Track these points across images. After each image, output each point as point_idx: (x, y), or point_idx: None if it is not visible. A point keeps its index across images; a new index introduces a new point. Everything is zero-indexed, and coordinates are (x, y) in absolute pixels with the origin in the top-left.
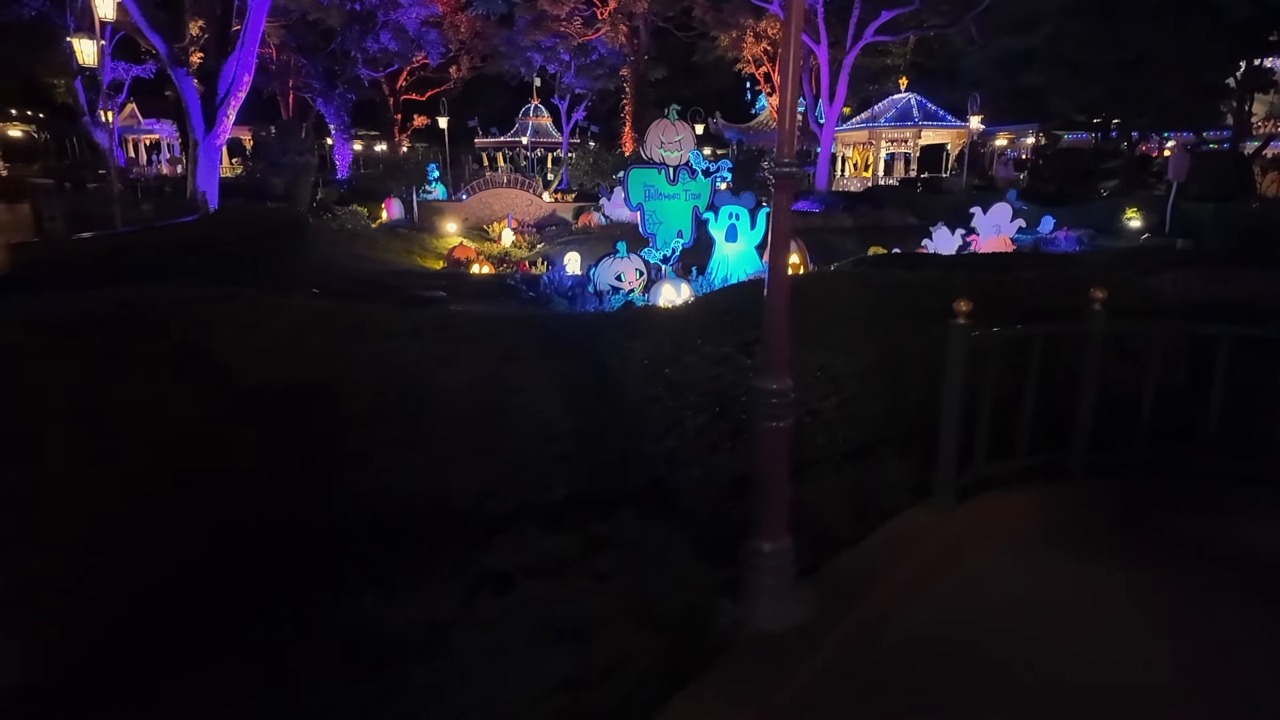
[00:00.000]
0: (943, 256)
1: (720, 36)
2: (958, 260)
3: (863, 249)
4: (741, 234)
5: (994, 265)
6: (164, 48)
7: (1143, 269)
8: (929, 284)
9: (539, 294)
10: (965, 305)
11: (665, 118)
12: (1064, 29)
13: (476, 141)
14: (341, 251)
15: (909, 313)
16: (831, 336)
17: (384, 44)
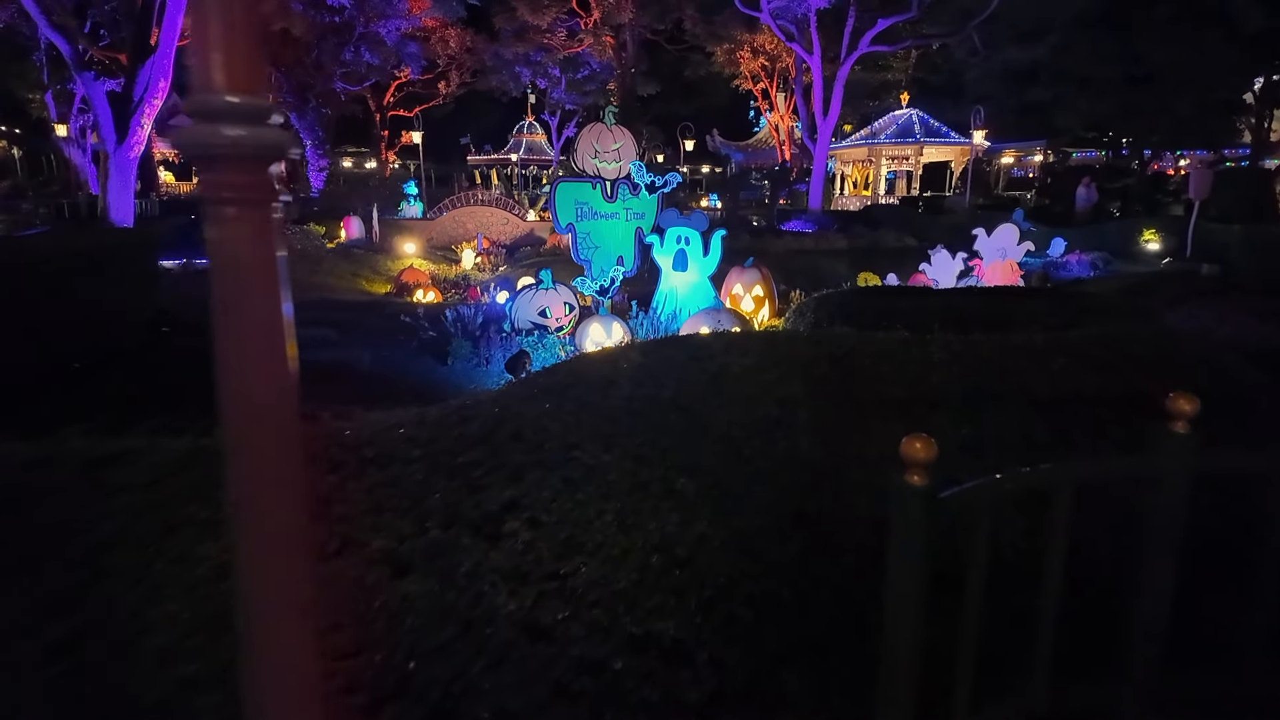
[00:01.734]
0: (933, 292)
1: (714, 50)
2: (949, 301)
3: (855, 272)
4: (692, 260)
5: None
6: (67, 49)
7: (1167, 298)
8: (893, 353)
9: (440, 333)
10: (923, 448)
11: (601, 121)
12: (1071, 41)
13: (469, 159)
14: None
15: (856, 406)
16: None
17: (361, 56)
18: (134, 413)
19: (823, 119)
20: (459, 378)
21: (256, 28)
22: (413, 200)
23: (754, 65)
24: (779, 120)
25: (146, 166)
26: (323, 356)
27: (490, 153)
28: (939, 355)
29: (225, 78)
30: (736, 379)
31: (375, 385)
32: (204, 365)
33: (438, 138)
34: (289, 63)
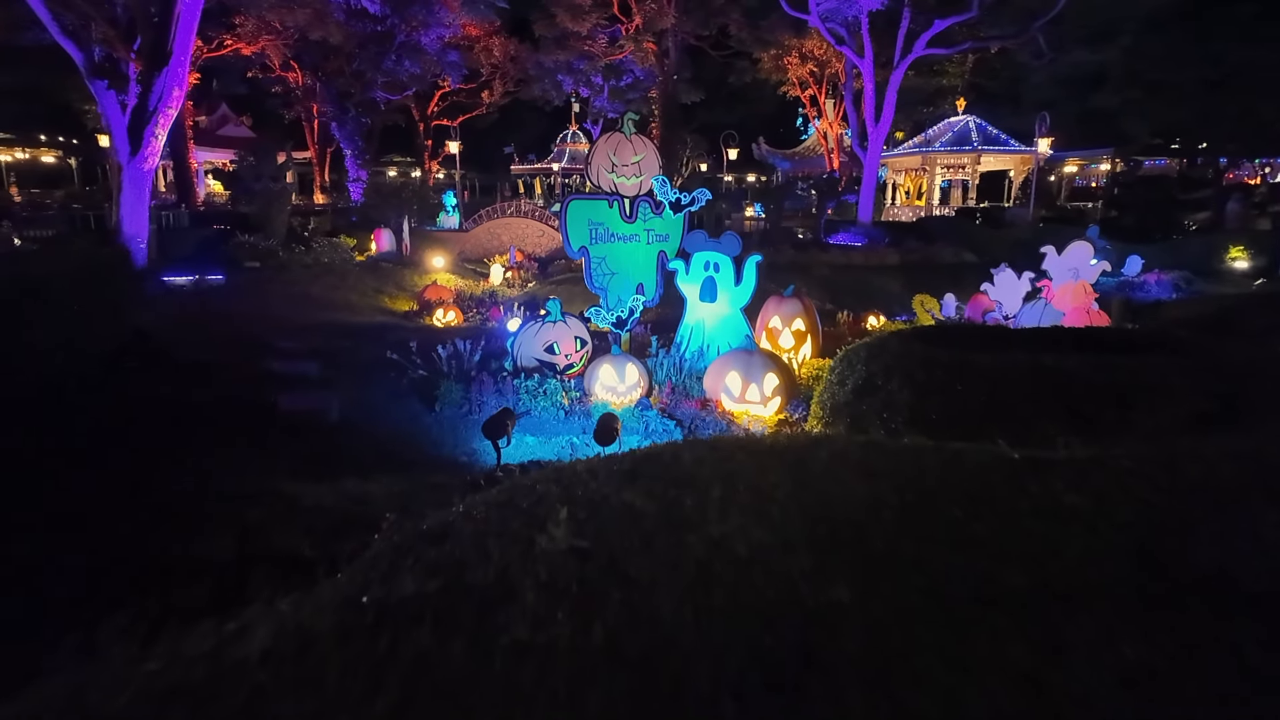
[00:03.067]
0: (1014, 338)
1: (760, 56)
2: (1037, 356)
3: (908, 290)
4: (722, 290)
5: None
6: (79, 56)
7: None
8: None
9: (433, 370)
10: None
11: (619, 131)
12: (1143, 43)
13: (512, 168)
14: (289, 292)
15: (944, 610)
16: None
17: (402, 65)
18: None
19: (874, 126)
20: (444, 429)
21: None
22: (450, 210)
23: (802, 71)
24: (827, 127)
25: (184, 177)
26: (291, 404)
27: (534, 162)
28: (1070, 498)
29: None
30: (740, 568)
31: (330, 449)
32: (141, 419)
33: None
34: (329, 72)
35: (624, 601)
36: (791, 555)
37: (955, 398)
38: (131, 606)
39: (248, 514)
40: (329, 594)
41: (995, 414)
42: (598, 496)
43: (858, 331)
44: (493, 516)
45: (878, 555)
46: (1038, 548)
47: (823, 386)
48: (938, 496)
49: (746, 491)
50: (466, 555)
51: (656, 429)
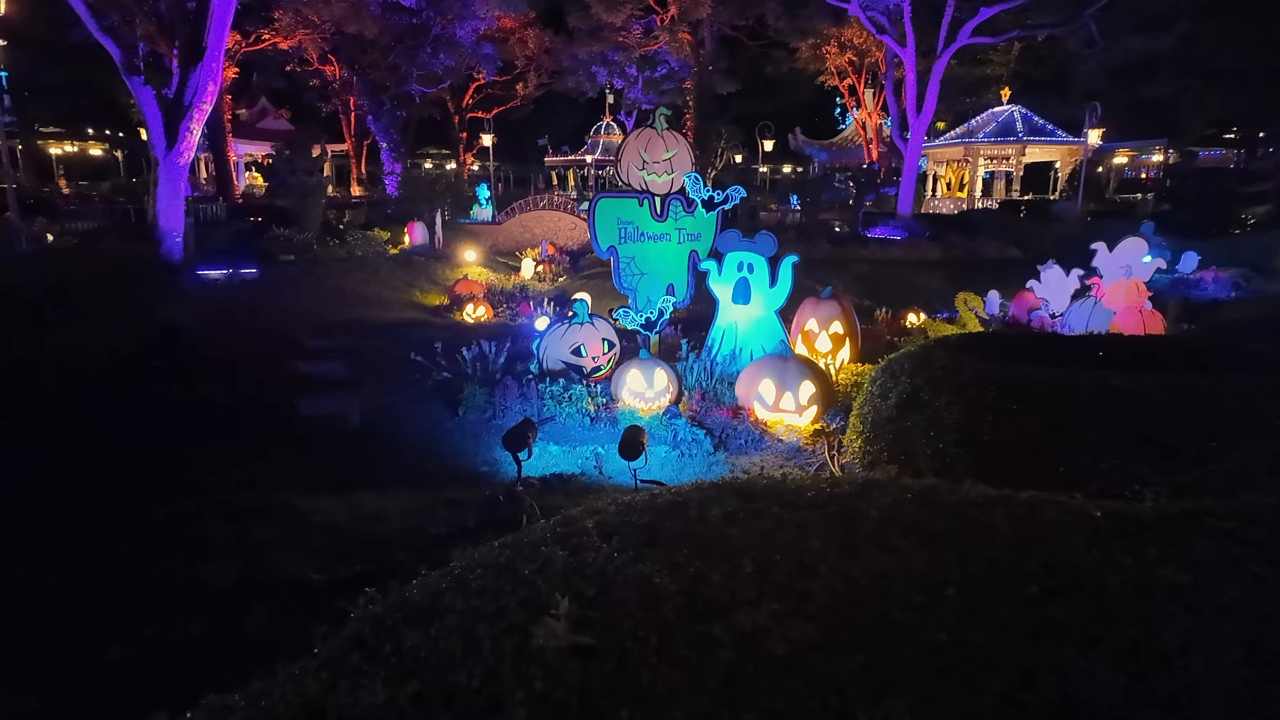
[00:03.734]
0: (1071, 347)
1: (798, 46)
2: (1102, 371)
3: (949, 287)
4: (756, 291)
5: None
6: (118, 53)
7: None
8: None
9: (456, 373)
10: None
11: (651, 126)
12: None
13: (546, 160)
14: (321, 287)
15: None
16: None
17: (437, 58)
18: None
19: (915, 116)
20: (465, 435)
21: None
22: (484, 203)
23: (840, 60)
24: (866, 118)
25: (223, 170)
26: (312, 409)
27: (568, 154)
28: (1166, 571)
29: None
30: (777, 674)
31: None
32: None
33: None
34: (365, 65)
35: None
36: (838, 654)
37: (1011, 419)
38: (124, 639)
39: (257, 532)
40: (290, 694)
41: (1057, 440)
42: (610, 568)
43: (896, 330)
44: (488, 587)
45: (941, 650)
46: (1132, 636)
47: (863, 398)
48: (1009, 569)
49: (784, 562)
50: (451, 646)
51: (685, 438)
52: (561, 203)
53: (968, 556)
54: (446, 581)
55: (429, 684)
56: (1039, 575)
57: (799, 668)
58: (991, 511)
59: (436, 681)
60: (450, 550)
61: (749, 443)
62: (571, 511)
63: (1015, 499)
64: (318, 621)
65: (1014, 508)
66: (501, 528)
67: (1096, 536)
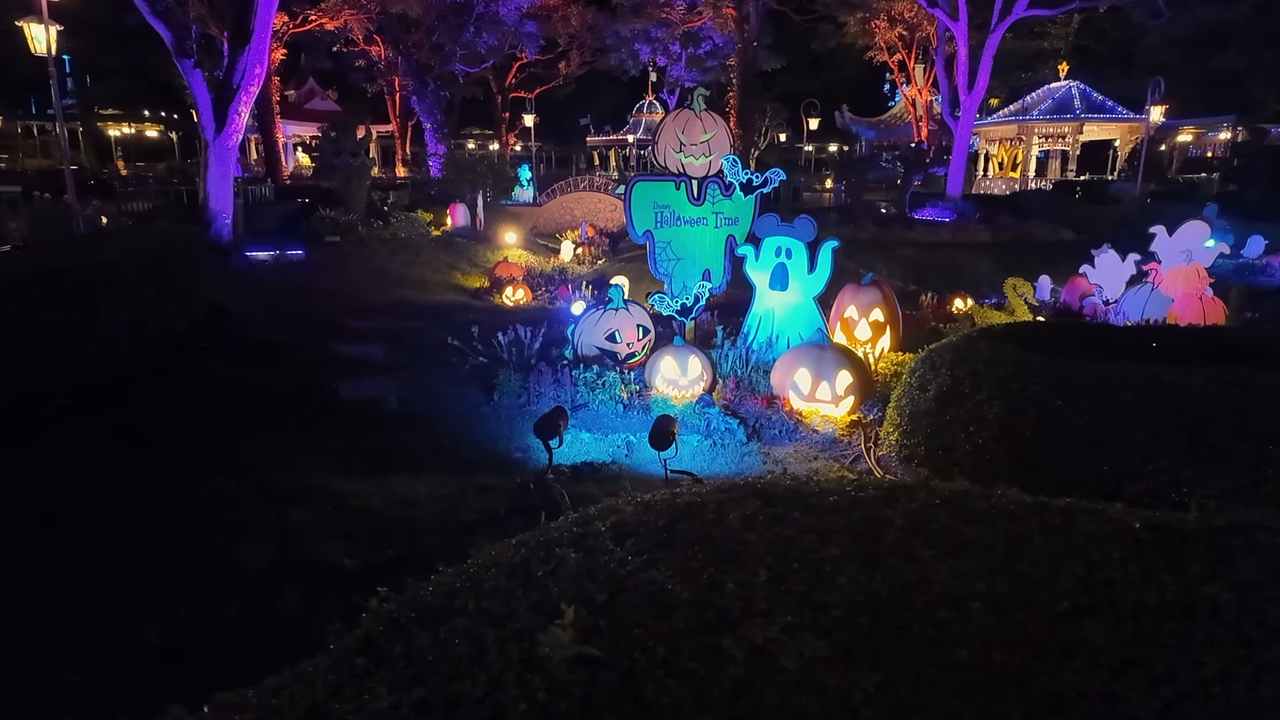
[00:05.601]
0: (1120, 337)
1: (846, 20)
2: (1158, 366)
3: (1000, 271)
4: (794, 278)
5: None
6: (169, 36)
7: None
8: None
9: (493, 357)
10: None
11: (688, 107)
12: None
13: (588, 140)
14: (365, 268)
15: None
16: None
17: (480, 37)
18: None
19: (967, 93)
20: (500, 420)
21: None
22: (525, 184)
23: (890, 35)
24: (916, 94)
25: (271, 152)
26: (351, 392)
27: (610, 133)
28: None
29: None
30: (787, 690)
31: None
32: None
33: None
34: (409, 45)
35: None
36: (852, 671)
37: (1055, 415)
38: (161, 619)
39: (293, 515)
40: (298, 695)
41: (1103, 437)
42: (622, 573)
43: (942, 315)
44: (501, 588)
45: (962, 669)
46: (1169, 659)
47: (901, 389)
48: (1040, 584)
49: (802, 572)
50: (459, 651)
51: (718, 427)
52: (602, 184)
53: (996, 569)
54: (461, 581)
55: (433, 691)
56: (1072, 591)
57: (810, 685)
58: (1024, 520)
59: (441, 688)
60: (479, 537)
61: (783, 433)
62: (589, 510)
63: (1050, 507)
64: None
65: (1048, 517)
66: (531, 515)
67: (1136, 550)
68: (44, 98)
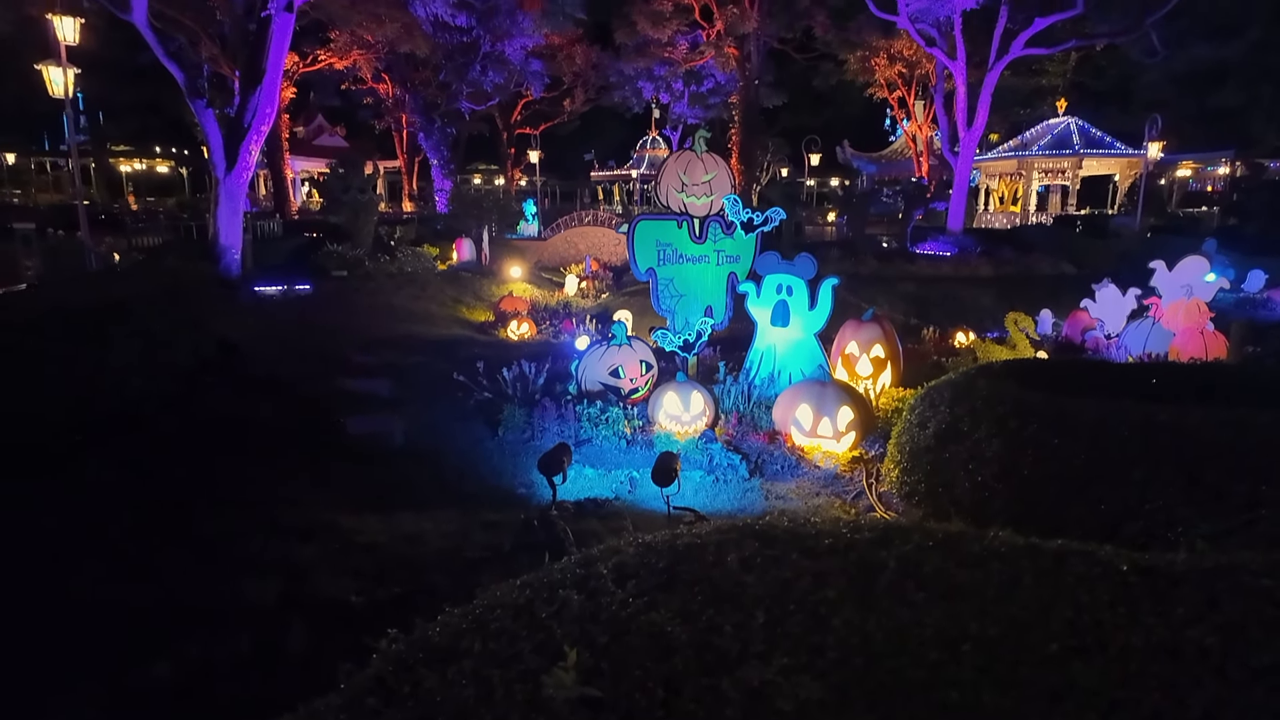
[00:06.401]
0: (1129, 377)
1: (846, 58)
2: (1175, 408)
3: (1002, 305)
4: (795, 314)
5: None
6: (182, 77)
7: None
8: None
9: (497, 392)
10: None
11: (690, 149)
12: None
13: (592, 175)
14: (372, 302)
15: None
16: None
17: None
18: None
19: (966, 129)
20: (505, 455)
21: None
22: (530, 219)
23: (890, 72)
24: (916, 130)
25: (280, 187)
26: (358, 427)
27: (613, 168)
28: (1194, 633)
29: None
30: None
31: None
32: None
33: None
34: (417, 83)
35: None
36: (847, 713)
37: (1053, 453)
38: (171, 655)
39: (301, 551)
40: None
41: (1101, 475)
42: (624, 614)
43: (944, 350)
44: (506, 629)
45: (954, 710)
46: (1155, 701)
47: (901, 426)
48: (1031, 626)
49: (798, 614)
50: (466, 693)
51: (721, 463)
52: (606, 218)
53: (988, 611)
54: (467, 622)
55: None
56: (1061, 633)
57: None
58: (1016, 563)
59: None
60: (483, 574)
61: (785, 469)
62: (592, 551)
63: (1041, 549)
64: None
65: (1039, 559)
66: (535, 553)
67: (1124, 592)
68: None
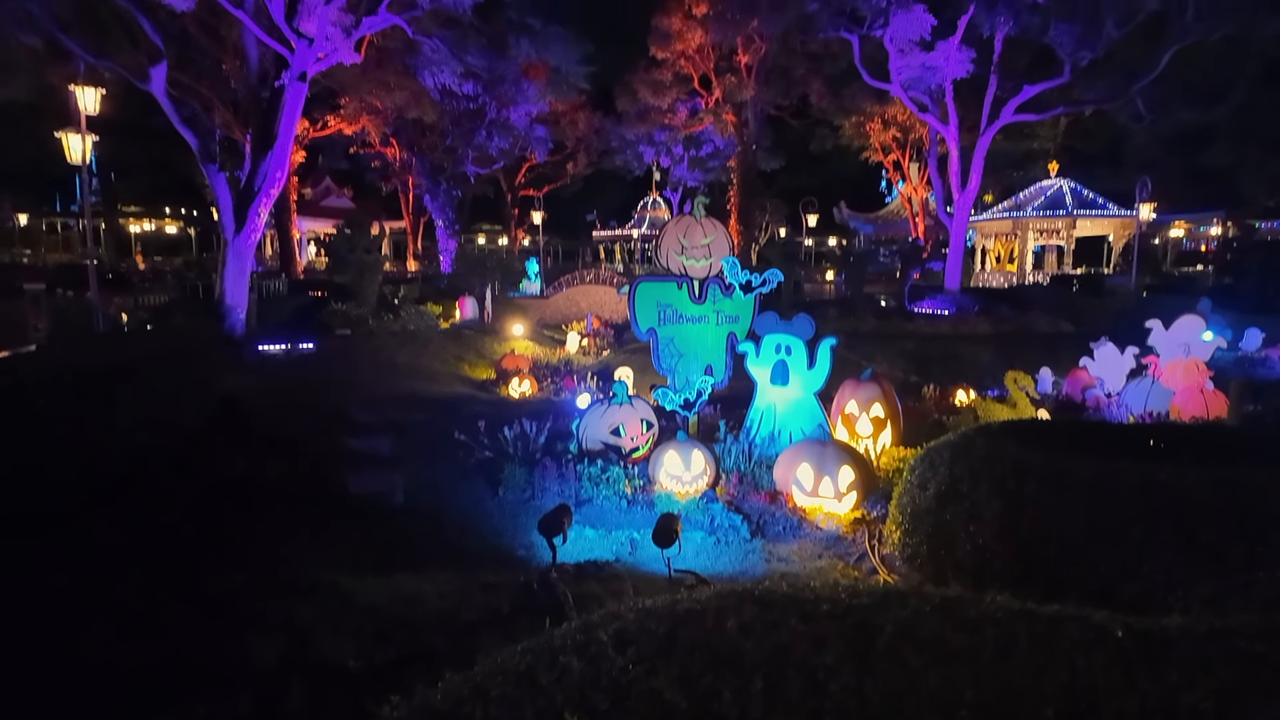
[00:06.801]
0: (1136, 436)
1: (842, 124)
2: (1188, 472)
3: (1001, 363)
4: (794, 373)
5: None
6: (195, 143)
7: None
8: None
9: (498, 450)
10: None
11: (689, 214)
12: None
13: (594, 234)
14: (375, 360)
15: None
16: None
17: (492, 140)
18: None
19: (960, 192)
20: (505, 515)
21: None
22: (533, 277)
23: (884, 136)
24: (912, 192)
25: (286, 247)
26: (359, 486)
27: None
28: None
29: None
30: None
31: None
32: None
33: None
34: (424, 147)
35: None
36: None
37: (1051, 513)
38: (174, 713)
39: (301, 612)
40: None
41: (1099, 536)
42: (624, 680)
43: (945, 408)
44: (507, 695)
45: None
46: None
47: (902, 487)
48: (1026, 691)
49: (797, 678)
50: None
51: (722, 524)
52: (607, 277)
53: (984, 676)
54: (469, 688)
55: None
56: (1055, 698)
57: None
58: (1012, 627)
59: None
60: (483, 637)
61: (787, 530)
62: (593, 617)
63: (1037, 614)
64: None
65: (1035, 624)
66: (535, 616)
67: (1119, 656)
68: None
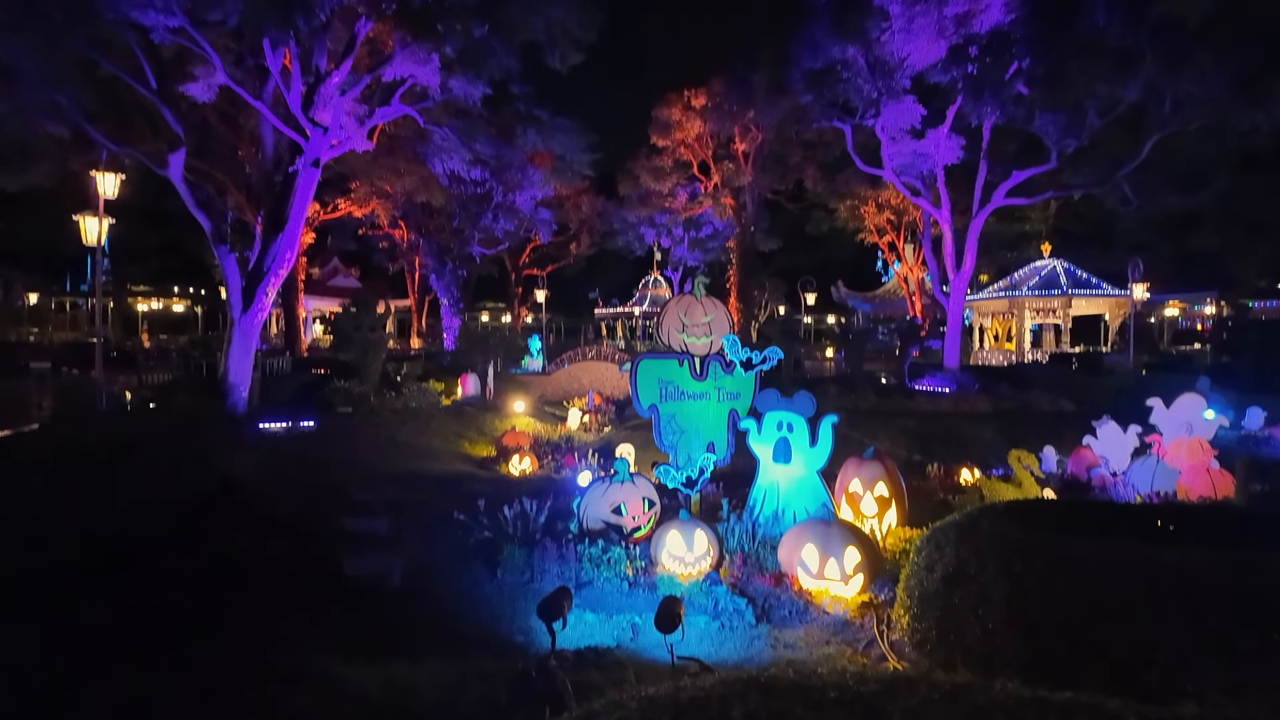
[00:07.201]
0: (1154, 517)
1: (837, 207)
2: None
3: (1003, 440)
4: (797, 451)
5: None
6: (209, 225)
7: None
8: None
9: (497, 531)
10: None
11: (690, 293)
12: (1240, 185)
13: (596, 312)
14: (376, 437)
15: None
16: None
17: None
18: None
19: (955, 272)
20: (504, 598)
21: None
22: (535, 354)
23: (879, 219)
24: (908, 271)
25: (292, 325)
26: (356, 568)
27: (617, 306)
28: None
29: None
30: None
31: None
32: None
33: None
34: (431, 229)
35: None
36: None
37: (1059, 596)
38: None
39: (291, 699)
40: None
41: (1106, 618)
42: None
43: (950, 486)
44: None
45: None
46: None
47: (909, 569)
48: None
49: None
50: None
51: (726, 608)
52: (609, 353)
53: None
54: None
55: None
56: None
57: None
58: (1021, 716)
59: None
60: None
61: (793, 614)
62: (594, 706)
63: (1048, 702)
64: None
65: (1046, 712)
66: (533, 706)
67: None
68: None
